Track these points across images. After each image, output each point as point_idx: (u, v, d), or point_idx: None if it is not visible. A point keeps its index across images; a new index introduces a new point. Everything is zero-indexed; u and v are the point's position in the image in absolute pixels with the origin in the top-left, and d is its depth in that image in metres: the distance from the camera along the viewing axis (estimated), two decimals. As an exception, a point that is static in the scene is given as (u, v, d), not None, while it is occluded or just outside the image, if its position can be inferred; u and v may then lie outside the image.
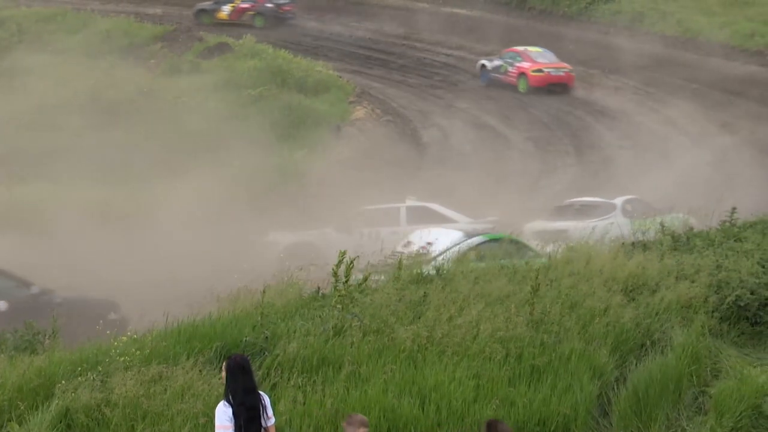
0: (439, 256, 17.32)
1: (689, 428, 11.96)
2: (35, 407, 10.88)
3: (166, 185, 26.40)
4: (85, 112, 32.34)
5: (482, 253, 17.68)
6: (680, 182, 27.03)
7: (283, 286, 14.54)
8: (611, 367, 12.59)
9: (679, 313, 13.79)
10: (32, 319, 13.13)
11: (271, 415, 9.52)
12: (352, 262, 13.13)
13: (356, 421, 9.39)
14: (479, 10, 49.08)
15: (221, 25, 46.60)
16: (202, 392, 11.08)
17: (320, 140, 32.87)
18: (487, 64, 40.70)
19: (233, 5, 47.85)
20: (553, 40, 43.58)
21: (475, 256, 17.58)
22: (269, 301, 13.31)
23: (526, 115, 37.18)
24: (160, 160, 28.55)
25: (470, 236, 18.90)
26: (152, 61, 39.29)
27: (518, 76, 39.38)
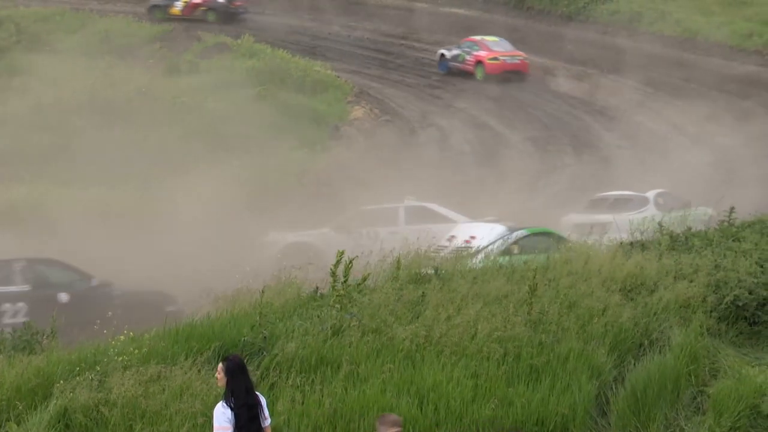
0: (483, 249, 17.41)
1: (687, 428, 11.97)
2: (33, 407, 10.90)
3: (165, 185, 26.39)
4: (83, 111, 32.25)
5: (524, 246, 17.86)
6: (680, 182, 27.00)
7: (281, 285, 14.54)
8: (609, 366, 12.60)
9: (677, 312, 13.79)
10: (91, 310, 13.37)
11: (267, 415, 9.55)
12: (350, 262, 13.14)
13: (389, 420, 9.35)
14: (478, 9, 49.07)
15: (173, 20, 46.45)
16: (200, 392, 11.09)
17: (319, 140, 32.87)
18: (446, 53, 41.97)
19: (185, 1, 47.54)
20: (551, 39, 43.60)
21: (517, 249, 17.78)
22: (268, 300, 13.31)
23: (525, 114, 37.15)
24: (159, 160, 28.50)
25: (513, 230, 19.12)
26: (151, 60, 39.22)
27: (475, 64, 40.70)
